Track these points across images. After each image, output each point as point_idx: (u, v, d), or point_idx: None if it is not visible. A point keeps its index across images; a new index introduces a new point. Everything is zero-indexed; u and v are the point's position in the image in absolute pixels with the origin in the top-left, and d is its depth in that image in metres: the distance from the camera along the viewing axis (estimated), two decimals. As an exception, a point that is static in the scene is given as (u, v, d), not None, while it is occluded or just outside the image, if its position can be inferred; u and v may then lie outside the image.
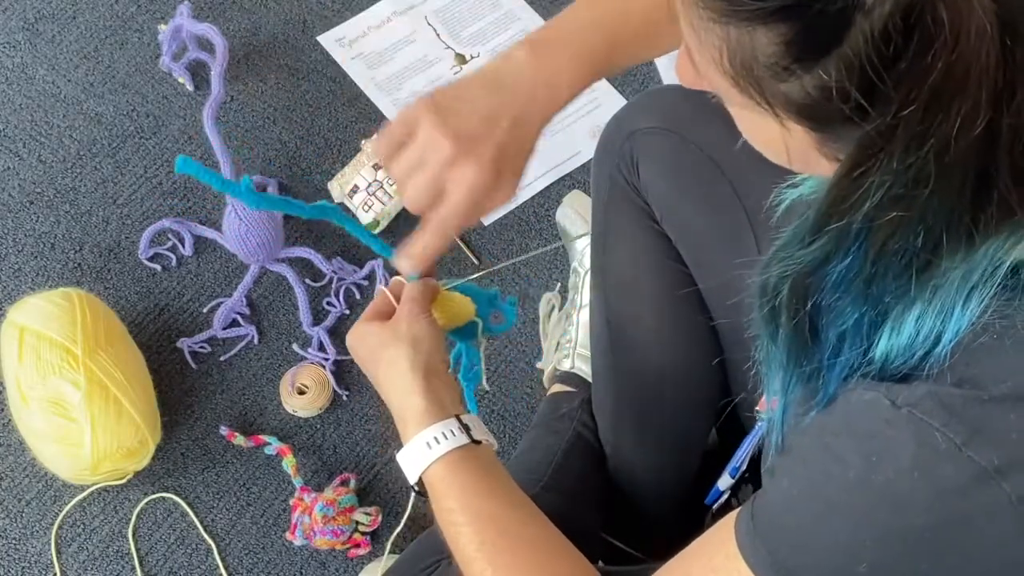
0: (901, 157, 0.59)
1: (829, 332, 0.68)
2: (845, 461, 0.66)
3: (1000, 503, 0.62)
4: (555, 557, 0.88)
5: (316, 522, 1.38)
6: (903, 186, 0.60)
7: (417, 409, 0.90)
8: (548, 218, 1.66)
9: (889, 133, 0.59)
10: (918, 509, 0.64)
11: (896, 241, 0.62)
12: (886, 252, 0.62)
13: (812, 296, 0.67)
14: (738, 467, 1.05)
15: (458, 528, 0.87)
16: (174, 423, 1.49)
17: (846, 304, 0.66)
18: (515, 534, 0.88)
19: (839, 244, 0.64)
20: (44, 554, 1.41)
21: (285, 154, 1.70)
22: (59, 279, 1.58)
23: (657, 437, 1.27)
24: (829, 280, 0.65)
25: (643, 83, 1.79)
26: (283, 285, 1.59)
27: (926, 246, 0.61)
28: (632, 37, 0.94)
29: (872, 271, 0.63)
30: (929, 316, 0.64)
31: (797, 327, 0.69)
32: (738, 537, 0.72)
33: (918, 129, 0.58)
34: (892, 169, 0.59)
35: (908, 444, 0.64)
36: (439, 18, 1.84)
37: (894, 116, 0.58)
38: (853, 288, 0.65)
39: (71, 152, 1.68)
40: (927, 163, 0.58)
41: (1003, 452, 0.62)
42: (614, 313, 1.23)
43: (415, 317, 0.94)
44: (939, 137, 0.58)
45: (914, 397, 0.64)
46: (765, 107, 0.63)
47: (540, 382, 1.54)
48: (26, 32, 1.78)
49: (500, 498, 0.90)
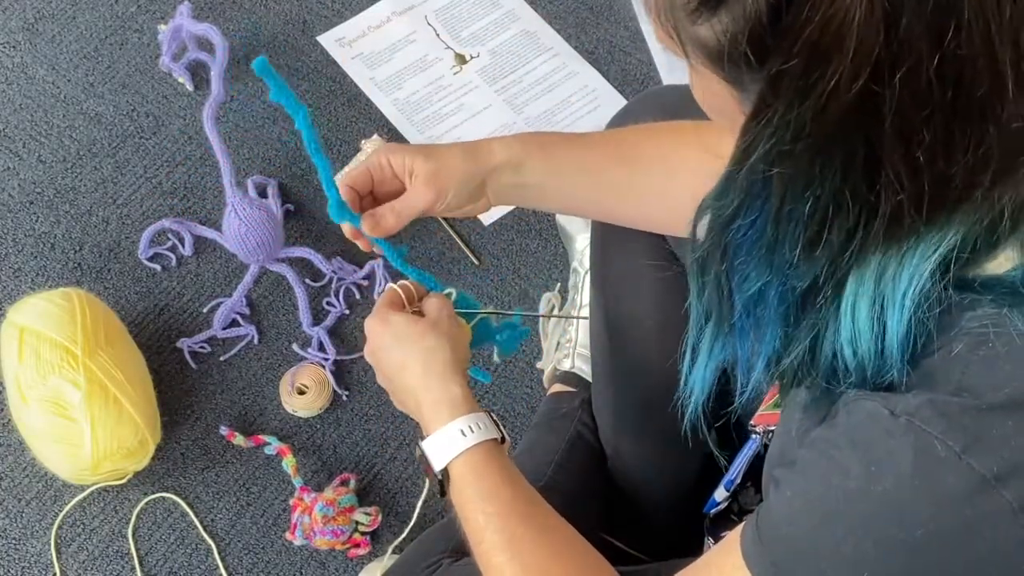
0: (784, 111, 0.59)
1: (736, 296, 0.68)
2: (846, 471, 0.67)
3: (1001, 511, 0.62)
4: (575, 551, 0.90)
5: (316, 522, 1.38)
6: (785, 141, 0.60)
7: (456, 398, 0.93)
8: (548, 218, 1.66)
9: (776, 85, 0.59)
10: (919, 518, 0.64)
11: (788, 203, 0.62)
12: (782, 216, 0.63)
13: (728, 253, 0.67)
14: (733, 479, 1.05)
15: (487, 518, 0.89)
16: (174, 423, 1.49)
17: (751, 268, 0.66)
18: (541, 530, 0.90)
19: (744, 199, 0.64)
20: (44, 554, 1.41)
21: (285, 154, 1.70)
22: (59, 279, 1.58)
23: (657, 437, 1.27)
24: (737, 238, 0.66)
25: (643, 83, 1.79)
26: (283, 285, 1.59)
27: (814, 216, 0.62)
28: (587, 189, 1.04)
29: (772, 236, 0.64)
30: (864, 308, 0.64)
31: (718, 283, 0.70)
32: (743, 547, 0.73)
33: (799, 84, 0.58)
34: (776, 121, 0.60)
35: (907, 453, 0.64)
36: (439, 18, 1.84)
37: (779, 68, 0.59)
38: (756, 251, 0.65)
39: (71, 152, 1.68)
40: (804, 121, 0.59)
41: (1002, 460, 0.62)
42: (614, 313, 1.23)
43: (455, 322, 0.99)
44: (815, 95, 0.58)
45: (912, 406, 0.64)
46: (680, 52, 0.65)
47: (540, 382, 1.54)
48: (26, 32, 1.78)
49: (525, 494, 0.92)
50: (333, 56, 1.79)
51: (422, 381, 0.95)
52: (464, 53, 1.81)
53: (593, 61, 1.81)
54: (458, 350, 0.97)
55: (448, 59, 1.80)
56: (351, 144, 1.70)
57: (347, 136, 1.72)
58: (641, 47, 1.83)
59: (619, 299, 1.22)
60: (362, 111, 1.74)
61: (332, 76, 1.77)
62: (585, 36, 1.84)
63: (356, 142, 1.69)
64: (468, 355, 1.00)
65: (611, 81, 1.79)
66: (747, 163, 0.63)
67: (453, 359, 0.95)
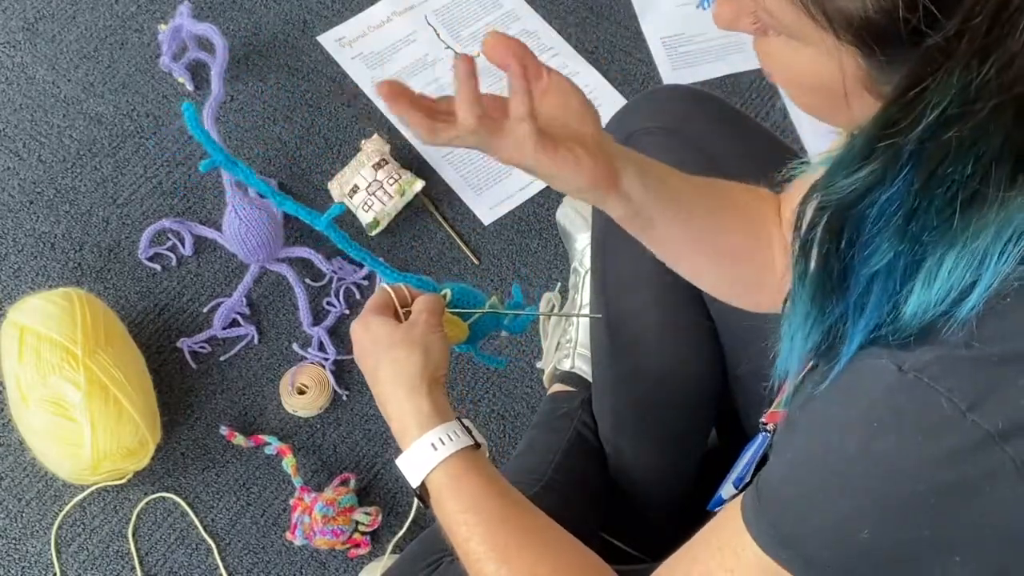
0: (962, 73, 0.57)
1: (860, 273, 0.65)
2: (846, 429, 0.66)
3: (1004, 467, 0.62)
4: (567, 554, 0.88)
5: (316, 522, 1.38)
6: (961, 103, 0.57)
7: (422, 412, 0.91)
8: (548, 218, 1.66)
9: (951, 47, 0.57)
10: (920, 475, 0.64)
11: (946, 167, 0.59)
12: (933, 181, 0.60)
13: (849, 231, 0.64)
14: (742, 477, 1.05)
15: (470, 529, 0.87)
16: (174, 423, 1.49)
17: (883, 241, 0.63)
18: (526, 533, 0.88)
19: (886, 171, 0.61)
20: (44, 554, 1.41)
21: (285, 154, 1.70)
22: (59, 279, 1.58)
23: (657, 437, 1.27)
24: (871, 213, 0.63)
25: (643, 83, 1.79)
26: (283, 285, 1.59)
27: (975, 175, 0.59)
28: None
29: (915, 203, 0.61)
30: (962, 267, 0.62)
31: (828, 266, 0.67)
32: (744, 512, 0.72)
33: (982, 42, 0.56)
34: (952, 84, 0.57)
35: (912, 410, 0.63)
36: (439, 18, 1.84)
37: (959, 28, 0.56)
38: (893, 223, 0.62)
39: (71, 152, 1.68)
40: (988, 80, 0.56)
41: (1008, 416, 0.62)
42: (614, 313, 1.22)
43: (432, 328, 0.96)
44: (1002, 52, 0.56)
45: (921, 362, 0.63)
46: (824, 24, 0.61)
47: (540, 382, 1.54)
48: (26, 32, 1.78)
49: (506, 499, 0.90)
50: (333, 56, 1.79)
51: (391, 394, 0.93)
52: (464, 53, 1.81)
53: (593, 61, 1.81)
54: (431, 358, 0.93)
55: (448, 59, 1.80)
56: (351, 144, 1.70)
57: (347, 136, 1.72)
58: (641, 47, 1.83)
59: (619, 299, 1.22)
60: (362, 111, 1.74)
61: (332, 76, 1.77)
62: (585, 36, 1.84)
63: (356, 142, 1.69)
64: (446, 361, 0.96)
65: (611, 81, 1.79)
66: (902, 136, 0.59)
67: (422, 371, 0.92)
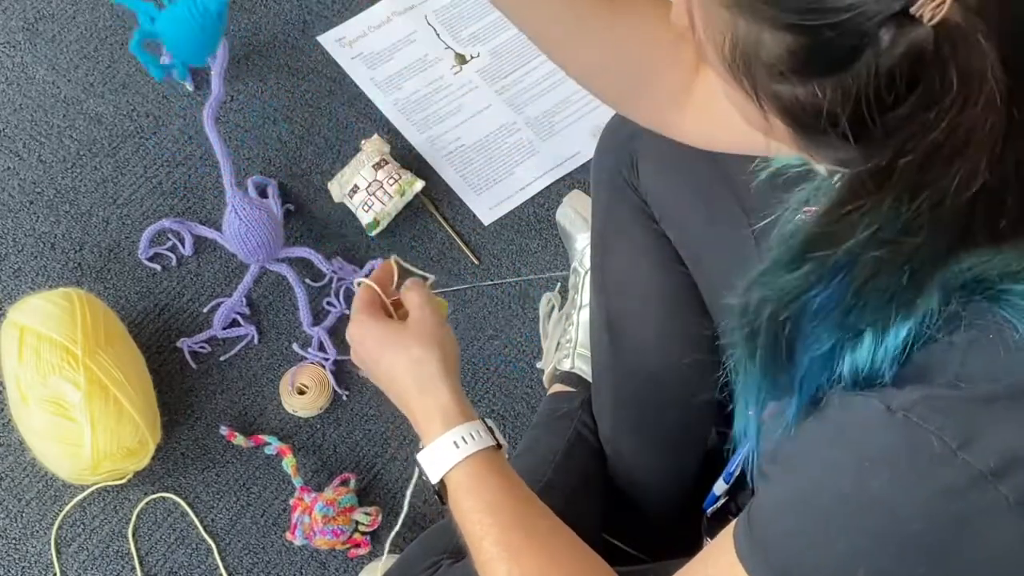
0: (893, 204, 0.59)
1: (804, 357, 0.67)
2: (838, 468, 0.67)
3: (997, 506, 0.62)
4: (578, 561, 0.89)
5: (316, 522, 1.38)
6: (893, 232, 0.59)
7: (447, 409, 0.92)
8: (548, 218, 1.66)
9: (883, 178, 0.58)
10: (914, 514, 0.64)
11: (879, 279, 0.61)
12: (867, 288, 0.62)
13: (791, 322, 0.66)
14: (732, 472, 1.05)
15: (484, 528, 0.88)
16: (174, 423, 1.49)
17: (822, 332, 0.65)
18: (539, 537, 0.89)
19: (821, 275, 0.63)
20: (44, 554, 1.41)
21: (285, 154, 1.70)
22: (59, 279, 1.58)
23: (656, 437, 1.27)
24: (809, 308, 0.65)
25: (643, 83, 1.79)
26: (283, 285, 1.59)
27: (910, 286, 0.61)
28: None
29: (852, 303, 0.63)
30: (903, 333, 0.64)
31: (774, 350, 0.68)
32: (737, 543, 0.72)
33: (914, 179, 0.57)
34: (882, 213, 0.59)
35: (903, 449, 0.64)
36: (439, 18, 1.84)
37: (890, 162, 0.58)
38: (832, 317, 0.64)
39: (71, 152, 1.68)
40: (920, 214, 0.58)
41: (999, 454, 0.62)
42: (614, 313, 1.23)
43: (439, 322, 0.97)
44: (935, 191, 0.57)
45: (909, 401, 0.64)
46: (752, 99, 0.63)
47: (540, 382, 1.54)
48: (26, 32, 1.78)
49: (522, 501, 0.91)
50: (333, 56, 1.79)
51: (413, 393, 0.94)
52: (464, 53, 1.81)
53: (593, 61, 1.81)
54: (448, 354, 0.95)
55: (448, 59, 1.80)
56: (351, 144, 1.70)
57: (347, 136, 1.72)
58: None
59: (619, 299, 1.22)
60: (362, 111, 1.74)
61: (332, 76, 1.77)
62: (585, 36, 1.84)
63: (356, 142, 1.69)
64: (458, 354, 0.98)
65: (611, 81, 1.78)
66: (834, 247, 0.61)
67: (442, 368, 0.94)
